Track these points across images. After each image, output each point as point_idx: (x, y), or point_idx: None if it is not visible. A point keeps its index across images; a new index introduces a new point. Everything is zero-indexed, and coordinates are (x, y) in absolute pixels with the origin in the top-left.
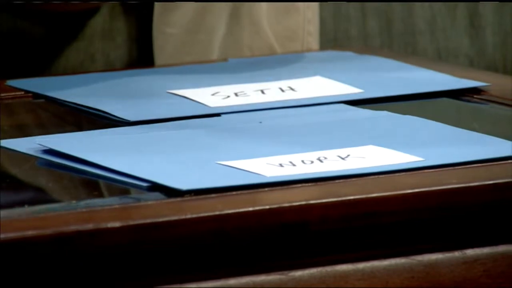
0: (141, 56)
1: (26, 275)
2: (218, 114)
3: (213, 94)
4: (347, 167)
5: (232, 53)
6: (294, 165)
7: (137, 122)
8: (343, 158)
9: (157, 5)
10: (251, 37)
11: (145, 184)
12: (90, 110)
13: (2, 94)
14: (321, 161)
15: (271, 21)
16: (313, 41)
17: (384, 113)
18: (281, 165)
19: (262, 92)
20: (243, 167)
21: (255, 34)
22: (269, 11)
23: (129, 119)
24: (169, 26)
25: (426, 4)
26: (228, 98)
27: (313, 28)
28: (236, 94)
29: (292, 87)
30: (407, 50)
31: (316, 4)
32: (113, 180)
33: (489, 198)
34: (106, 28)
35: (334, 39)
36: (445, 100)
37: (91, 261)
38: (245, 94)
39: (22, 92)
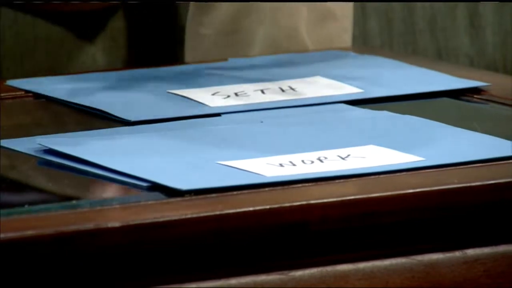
0: (143, 56)
1: (26, 275)
2: (218, 114)
3: (213, 94)
4: (347, 167)
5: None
6: (294, 165)
7: (137, 122)
8: (343, 158)
9: (192, 5)
10: (288, 42)
11: (145, 184)
12: (91, 110)
13: (2, 94)
14: (321, 161)
15: (309, 27)
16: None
17: (385, 113)
18: (281, 165)
19: (262, 92)
20: (243, 167)
21: (293, 39)
22: (309, 17)
23: (129, 119)
24: (204, 27)
25: (426, 3)
26: (228, 98)
27: (348, 38)
28: (236, 94)
29: (293, 87)
30: (407, 50)
31: (351, 13)
32: (113, 180)
33: (490, 198)
34: (108, 29)
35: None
36: (445, 100)
37: (91, 261)
38: (245, 94)
39: (23, 92)
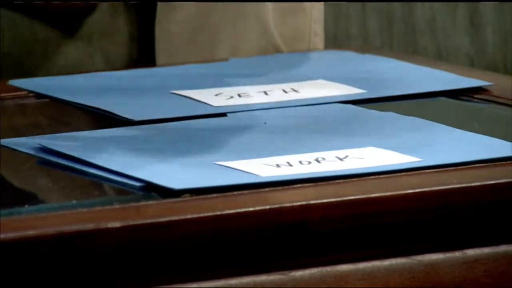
0: (141, 55)
1: (27, 275)
2: (222, 114)
3: (216, 95)
4: (345, 167)
5: (238, 53)
6: (291, 165)
7: (141, 121)
8: (341, 159)
9: (159, 4)
10: (257, 37)
11: (139, 184)
12: (94, 110)
13: (5, 94)
14: (318, 161)
15: (277, 21)
16: (319, 41)
17: (388, 114)
18: (278, 165)
19: (265, 93)
20: (239, 167)
21: (261, 34)
22: (276, 11)
23: (133, 118)
24: (172, 24)
25: (427, 3)
26: (232, 99)
27: (319, 28)
28: (239, 95)
29: (295, 88)
30: (407, 50)
31: (321, 4)
32: (108, 180)
33: (490, 198)
34: (106, 26)
35: (334, 39)
36: (445, 100)
37: (92, 261)
38: (248, 95)
39: (25, 92)
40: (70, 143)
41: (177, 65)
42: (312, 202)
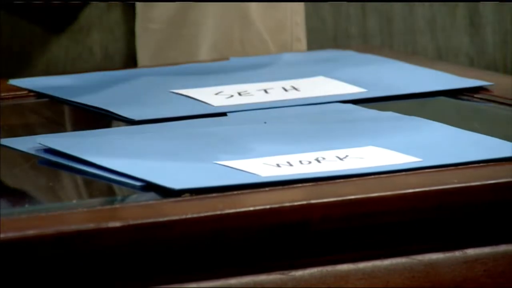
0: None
1: (27, 275)
2: (222, 114)
3: (216, 94)
4: (345, 167)
5: (222, 47)
6: (291, 165)
7: (141, 121)
8: (341, 159)
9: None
10: (241, 31)
11: (138, 184)
12: (94, 109)
13: (5, 94)
14: (319, 161)
15: (259, 13)
16: (301, 31)
17: (388, 113)
18: (278, 165)
19: (266, 91)
20: (239, 167)
21: (245, 28)
22: (257, 4)
23: (133, 118)
24: (152, 22)
25: (426, 3)
26: (232, 98)
27: (299, 18)
28: (239, 94)
29: (295, 86)
30: (407, 49)
31: None
32: (108, 179)
33: (490, 198)
34: (104, 20)
35: (334, 38)
36: (445, 99)
37: (92, 261)
38: (248, 93)
39: (25, 92)
40: (70, 142)
41: (177, 64)
42: (312, 201)
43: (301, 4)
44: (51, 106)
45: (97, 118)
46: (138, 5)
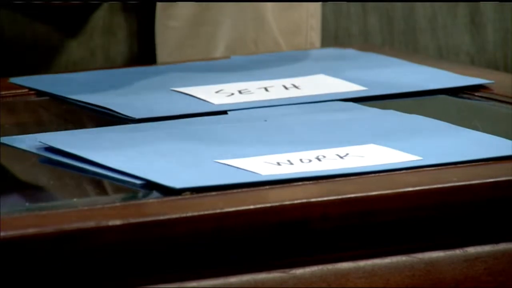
0: (142, 51)
1: (27, 273)
2: (222, 112)
3: (217, 92)
4: (346, 166)
5: (237, 47)
6: (292, 163)
7: (141, 119)
8: (341, 157)
9: None
10: (256, 31)
11: (139, 182)
12: (95, 108)
13: (5, 92)
14: (319, 159)
15: (275, 15)
16: (316, 35)
17: (389, 111)
18: (278, 163)
19: (266, 89)
20: (240, 165)
21: (260, 28)
22: (274, 5)
23: (133, 116)
24: (172, 20)
25: (427, 2)
26: (232, 96)
27: (316, 22)
28: (240, 92)
29: (296, 84)
30: (408, 48)
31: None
32: (109, 177)
33: (490, 196)
34: (107, 23)
35: (334, 37)
36: (446, 98)
37: (92, 259)
38: (249, 91)
39: (26, 90)
40: (70, 140)
41: (178, 63)
42: (312, 200)
43: (318, 8)
44: (52, 104)
45: (97, 117)
46: (158, 3)
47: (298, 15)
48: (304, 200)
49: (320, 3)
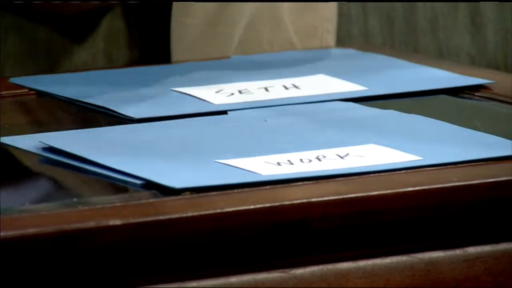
0: (144, 56)
1: (27, 273)
2: (222, 112)
3: (217, 92)
4: (346, 166)
5: (252, 46)
6: (292, 163)
7: (141, 119)
8: (342, 157)
9: None
10: (272, 31)
11: (139, 182)
12: (95, 108)
13: (5, 92)
14: (319, 159)
15: (292, 16)
16: (331, 38)
17: (389, 111)
18: (279, 163)
19: (266, 89)
20: (240, 165)
21: (276, 29)
22: (291, 6)
23: (133, 116)
24: (189, 17)
25: (428, 3)
26: (232, 96)
27: (331, 26)
28: (240, 92)
29: (296, 84)
30: (408, 48)
31: (334, 3)
32: (109, 177)
33: (490, 196)
34: (108, 28)
35: (335, 38)
36: (446, 98)
37: (92, 259)
38: (249, 91)
39: (26, 90)
40: (70, 140)
41: (178, 63)
42: (312, 200)
43: (334, 11)
44: (52, 104)
45: (97, 117)
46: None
47: (315, 17)
48: (304, 200)
49: (336, 6)
